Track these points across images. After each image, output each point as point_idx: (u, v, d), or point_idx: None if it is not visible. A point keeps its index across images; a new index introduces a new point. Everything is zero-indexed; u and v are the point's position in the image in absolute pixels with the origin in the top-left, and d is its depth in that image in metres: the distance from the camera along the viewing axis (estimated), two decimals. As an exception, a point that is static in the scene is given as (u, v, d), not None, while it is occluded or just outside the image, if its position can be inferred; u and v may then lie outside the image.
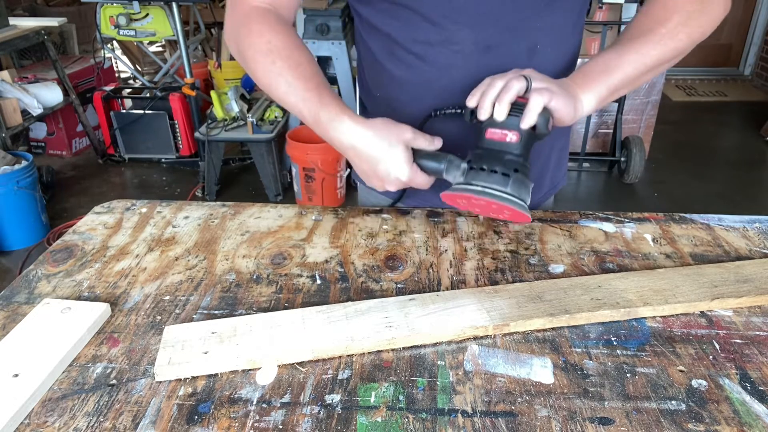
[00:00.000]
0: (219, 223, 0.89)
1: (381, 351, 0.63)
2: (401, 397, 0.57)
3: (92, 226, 0.89)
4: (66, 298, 0.71)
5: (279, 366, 0.61)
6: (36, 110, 3.08)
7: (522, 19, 0.79)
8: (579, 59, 0.90)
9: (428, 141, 0.76)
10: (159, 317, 0.69)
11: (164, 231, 0.87)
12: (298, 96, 0.76)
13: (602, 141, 3.46)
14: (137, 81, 4.07)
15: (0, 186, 2.50)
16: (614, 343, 0.64)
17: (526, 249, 0.82)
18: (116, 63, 4.39)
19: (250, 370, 0.61)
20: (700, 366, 0.61)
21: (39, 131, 3.66)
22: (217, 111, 3.03)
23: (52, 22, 3.27)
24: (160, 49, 5.25)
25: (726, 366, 0.61)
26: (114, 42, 4.40)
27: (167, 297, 0.72)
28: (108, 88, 3.45)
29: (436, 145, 0.77)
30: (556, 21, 0.82)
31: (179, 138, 3.46)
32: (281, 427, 0.54)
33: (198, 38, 4.12)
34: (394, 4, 0.80)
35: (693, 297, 0.69)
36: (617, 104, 3.18)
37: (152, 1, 3.20)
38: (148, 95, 3.48)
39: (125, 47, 4.83)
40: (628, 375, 0.60)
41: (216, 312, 0.69)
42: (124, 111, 3.47)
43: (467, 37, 0.80)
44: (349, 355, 0.62)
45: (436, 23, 0.79)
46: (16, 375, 0.58)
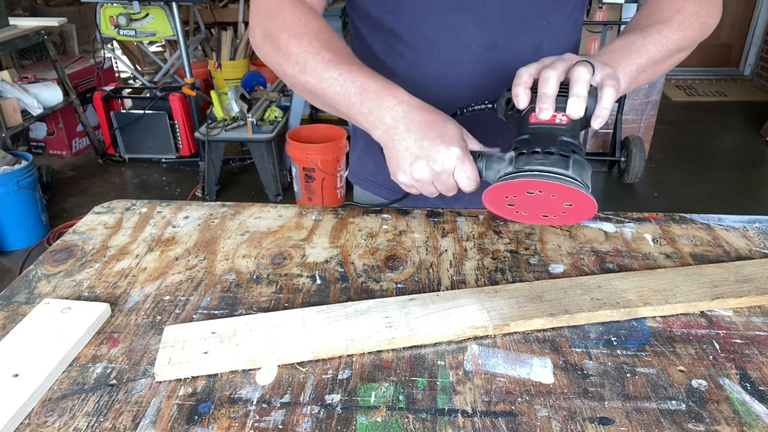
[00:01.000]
0: (219, 223, 0.89)
1: (381, 351, 0.63)
2: (401, 397, 0.57)
3: (92, 226, 0.89)
4: (66, 298, 0.71)
5: (279, 366, 0.61)
6: (36, 110, 3.08)
7: (529, 17, 0.80)
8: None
9: (475, 141, 0.71)
10: (159, 317, 0.69)
11: (164, 231, 0.87)
12: (341, 70, 0.71)
13: (602, 141, 3.46)
14: (137, 81, 4.07)
15: (0, 186, 2.50)
16: (614, 343, 0.64)
17: (526, 249, 0.82)
18: (116, 63, 4.40)
19: (250, 370, 0.61)
20: (700, 366, 0.61)
21: (39, 131, 3.67)
22: (217, 111, 3.04)
23: (52, 22, 3.28)
24: (160, 49, 5.25)
25: (726, 366, 0.61)
26: (114, 42, 4.40)
27: (167, 297, 0.72)
28: (108, 88, 3.45)
29: (482, 147, 0.69)
30: (561, 19, 0.83)
31: (179, 138, 3.46)
32: (281, 427, 0.54)
33: (198, 38, 4.13)
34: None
35: (693, 297, 0.69)
36: (617, 104, 3.18)
37: (152, 1, 3.20)
38: (148, 95, 3.48)
39: (125, 47, 4.83)
40: (628, 375, 0.60)
41: (216, 312, 0.69)
42: (124, 111, 3.47)
43: (474, 33, 0.80)
44: (349, 355, 0.62)
45: (444, 18, 0.79)
46: (16, 375, 0.58)
